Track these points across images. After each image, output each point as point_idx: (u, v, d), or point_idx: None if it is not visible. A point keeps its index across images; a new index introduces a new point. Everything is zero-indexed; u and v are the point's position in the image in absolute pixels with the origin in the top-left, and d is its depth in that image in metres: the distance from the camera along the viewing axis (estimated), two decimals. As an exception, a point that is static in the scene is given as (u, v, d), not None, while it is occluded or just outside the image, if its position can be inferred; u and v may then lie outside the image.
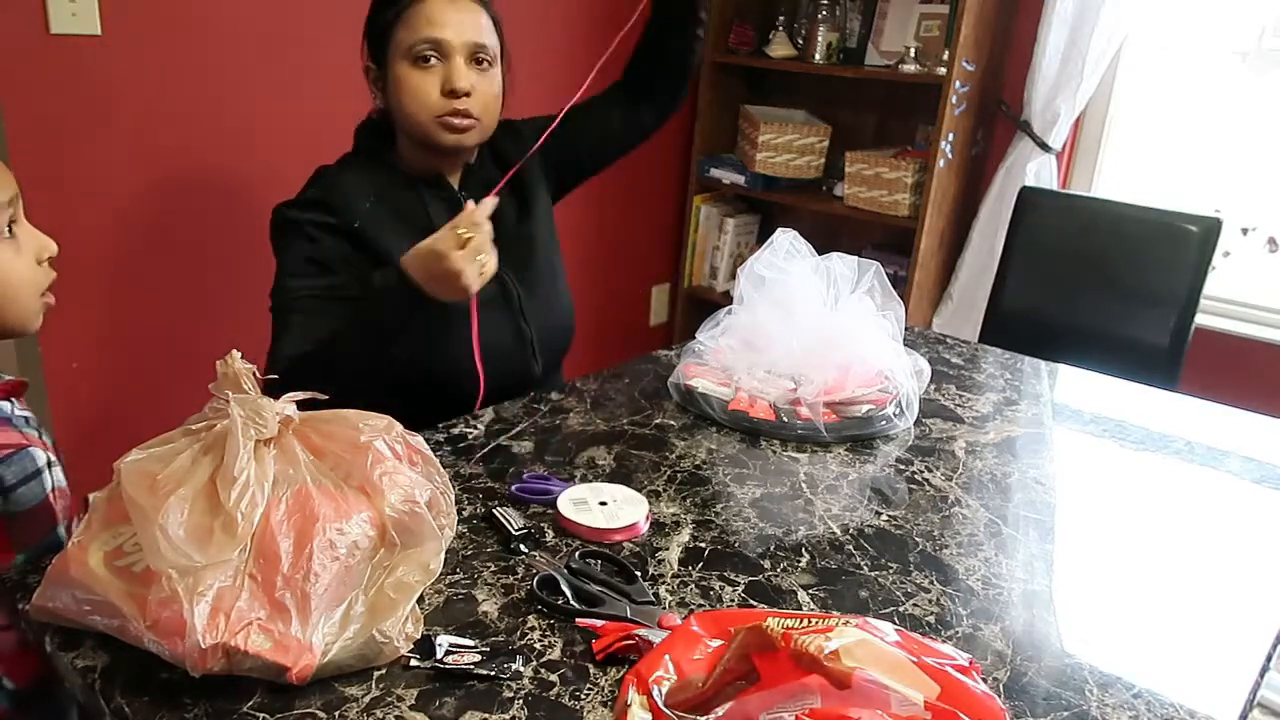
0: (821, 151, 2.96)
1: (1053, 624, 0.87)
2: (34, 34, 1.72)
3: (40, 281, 0.95)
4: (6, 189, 0.91)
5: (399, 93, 1.27)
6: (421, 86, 1.25)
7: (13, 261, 0.92)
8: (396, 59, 1.26)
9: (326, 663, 0.72)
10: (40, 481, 0.89)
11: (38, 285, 0.95)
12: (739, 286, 1.33)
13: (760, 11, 3.09)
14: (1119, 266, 1.97)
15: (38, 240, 0.95)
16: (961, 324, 2.71)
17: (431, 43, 1.24)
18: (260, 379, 0.80)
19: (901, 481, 1.13)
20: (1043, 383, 1.53)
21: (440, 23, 1.24)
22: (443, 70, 1.25)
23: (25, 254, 0.93)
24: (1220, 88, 2.58)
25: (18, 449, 0.88)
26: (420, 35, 1.24)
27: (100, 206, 1.88)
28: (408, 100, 1.26)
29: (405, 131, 1.31)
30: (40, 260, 0.95)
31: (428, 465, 0.87)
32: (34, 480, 0.89)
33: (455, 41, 1.25)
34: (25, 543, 0.88)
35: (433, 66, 1.25)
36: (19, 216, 0.94)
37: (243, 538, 0.72)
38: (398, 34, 1.25)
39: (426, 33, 1.24)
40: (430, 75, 1.25)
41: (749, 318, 1.33)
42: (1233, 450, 1.30)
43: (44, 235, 0.96)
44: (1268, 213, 2.54)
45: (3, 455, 0.87)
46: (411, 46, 1.24)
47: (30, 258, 0.94)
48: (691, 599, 0.86)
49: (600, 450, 1.15)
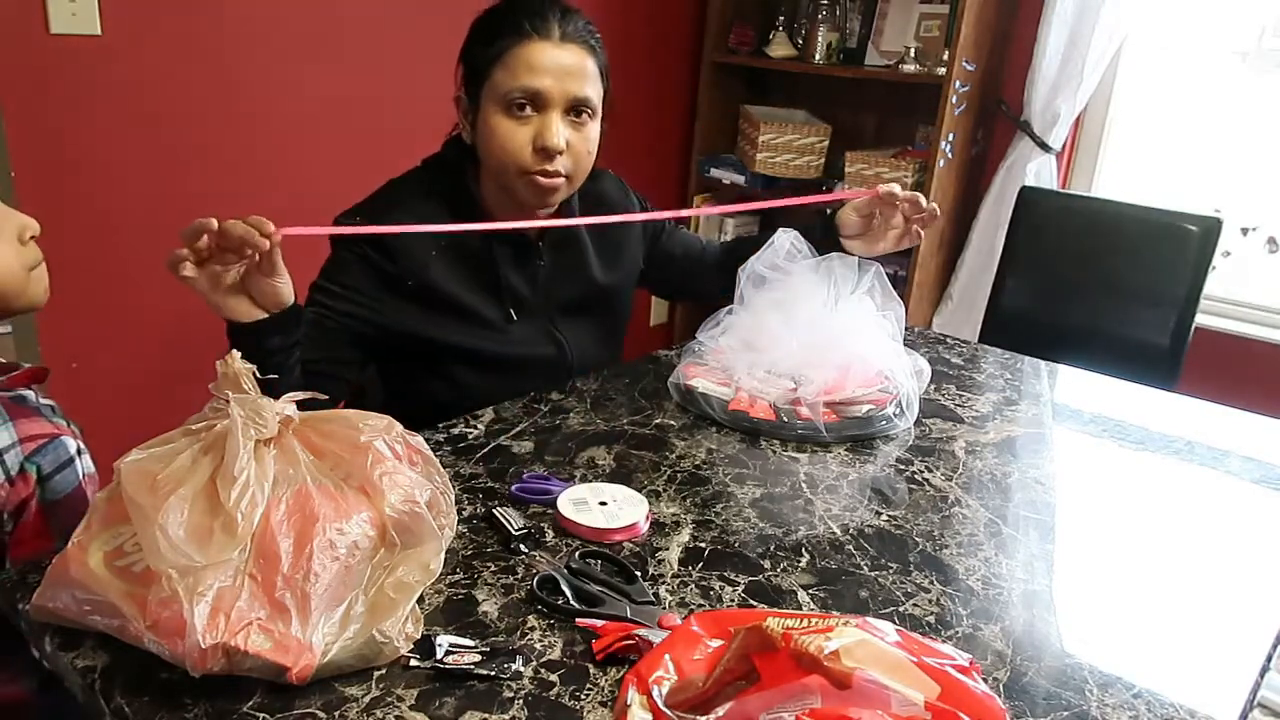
0: (821, 151, 2.96)
1: (1053, 624, 0.87)
2: (34, 34, 1.72)
3: (25, 260, 0.95)
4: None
5: (488, 138, 1.19)
6: (513, 139, 1.17)
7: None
8: (489, 102, 1.18)
9: (326, 663, 0.72)
10: (74, 469, 0.91)
11: (24, 264, 0.94)
12: (739, 286, 1.33)
13: (760, 11, 3.09)
14: (1119, 266, 1.97)
15: (16, 221, 0.94)
16: (961, 324, 2.71)
17: (529, 94, 1.15)
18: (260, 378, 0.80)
19: (901, 481, 1.13)
20: (1043, 383, 1.53)
21: (541, 70, 1.15)
22: (537, 123, 1.17)
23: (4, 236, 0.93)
24: (1220, 88, 2.58)
25: (51, 438, 0.90)
26: (518, 83, 1.15)
27: (100, 206, 1.88)
28: (496, 150, 1.18)
29: (490, 175, 1.24)
30: (22, 240, 0.94)
31: (428, 465, 0.87)
32: (68, 468, 0.91)
33: (555, 93, 1.16)
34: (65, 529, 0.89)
35: (528, 117, 1.17)
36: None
37: (243, 538, 0.72)
38: (495, 75, 1.16)
39: (526, 81, 1.15)
40: (523, 127, 1.17)
41: (749, 318, 1.33)
42: (1233, 450, 1.30)
43: (22, 215, 0.95)
44: (1268, 213, 2.54)
45: (39, 445, 0.89)
46: (507, 93, 1.15)
47: (11, 239, 0.93)
48: (691, 599, 0.86)
49: (600, 450, 1.15)
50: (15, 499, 0.88)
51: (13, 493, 0.88)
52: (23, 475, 0.88)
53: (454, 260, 1.24)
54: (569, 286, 1.33)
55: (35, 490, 0.88)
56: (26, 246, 0.95)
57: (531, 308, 1.30)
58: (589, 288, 1.35)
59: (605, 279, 1.37)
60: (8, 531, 0.89)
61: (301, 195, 2.20)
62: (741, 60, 3.01)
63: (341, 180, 2.31)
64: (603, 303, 1.39)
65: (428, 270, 1.22)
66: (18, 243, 0.94)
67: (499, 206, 1.27)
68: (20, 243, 0.94)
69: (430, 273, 1.21)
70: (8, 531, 0.89)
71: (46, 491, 0.89)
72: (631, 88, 2.89)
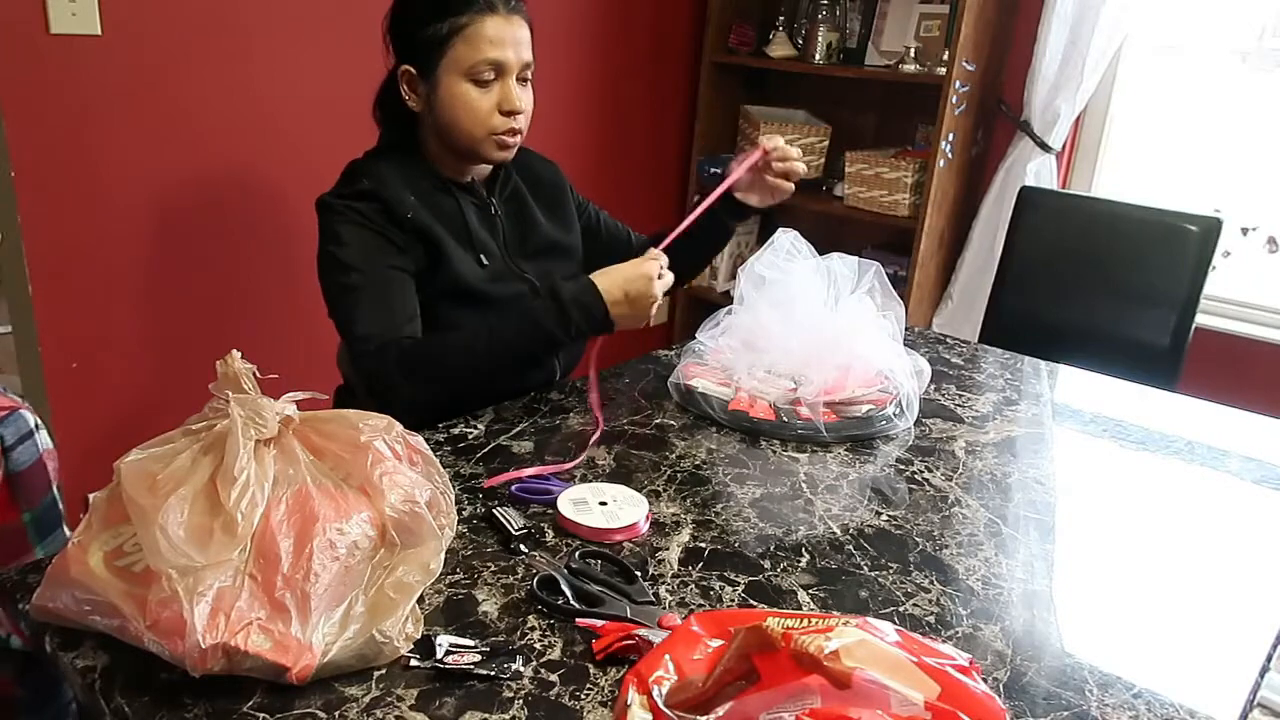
0: (821, 151, 2.96)
1: (1053, 624, 0.87)
2: (34, 34, 1.72)
3: None
4: None
5: (454, 108, 1.28)
6: (481, 105, 1.28)
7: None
8: (451, 74, 1.27)
9: (326, 663, 0.72)
10: (35, 442, 0.92)
11: None
12: (739, 286, 1.33)
13: (760, 11, 3.09)
14: (1119, 266, 1.97)
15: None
16: (961, 324, 2.71)
17: (493, 64, 1.26)
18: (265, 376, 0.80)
19: (901, 481, 1.13)
20: (1043, 383, 1.53)
21: (500, 42, 1.26)
22: (499, 89, 1.28)
23: None
24: (1220, 88, 2.58)
25: (12, 410, 0.91)
26: (483, 56, 1.25)
27: (99, 206, 1.88)
28: (463, 116, 1.28)
29: (449, 141, 1.32)
30: None
31: (428, 465, 0.87)
32: (29, 440, 0.92)
33: (513, 62, 1.28)
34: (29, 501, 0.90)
35: (490, 85, 1.28)
36: None
37: (243, 538, 0.72)
38: (455, 49, 1.26)
39: (489, 54, 1.25)
40: (488, 95, 1.28)
41: (749, 318, 1.33)
42: (1233, 450, 1.30)
43: None
44: (1268, 213, 2.54)
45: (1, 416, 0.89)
46: (473, 65, 1.26)
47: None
48: (691, 599, 0.86)
49: (600, 450, 1.15)
50: None
51: None
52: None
53: (431, 215, 1.31)
54: (524, 235, 1.43)
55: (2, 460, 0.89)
56: None
57: (496, 254, 1.38)
58: (542, 238, 1.44)
59: (554, 234, 1.47)
60: None
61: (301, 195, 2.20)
62: (741, 60, 3.01)
63: (341, 180, 2.32)
64: (559, 252, 1.47)
65: (417, 213, 1.29)
66: None
67: (453, 168, 1.37)
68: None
69: (419, 215, 1.29)
70: None
71: (10, 462, 0.90)
72: (631, 88, 2.89)
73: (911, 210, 2.71)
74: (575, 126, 2.75)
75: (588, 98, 2.74)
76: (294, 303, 2.23)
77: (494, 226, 1.40)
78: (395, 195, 1.28)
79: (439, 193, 1.34)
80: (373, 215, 1.27)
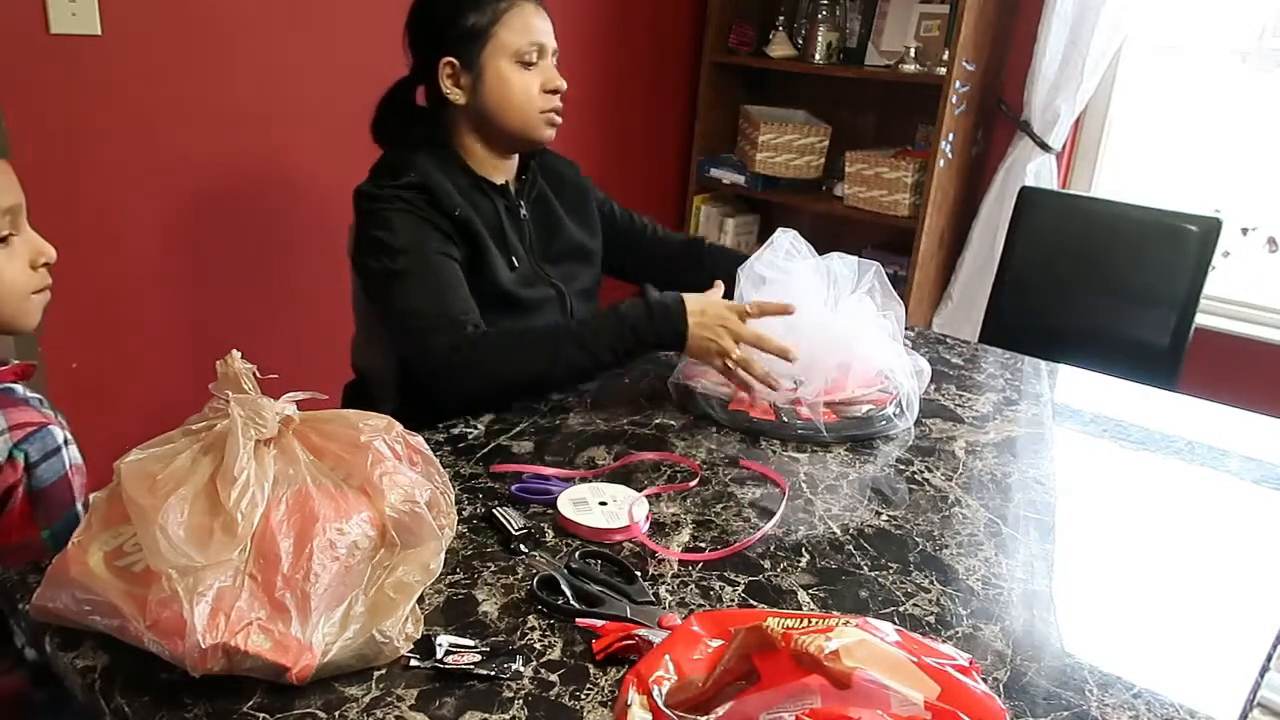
0: (821, 151, 2.96)
1: (1053, 624, 0.87)
2: (34, 34, 1.72)
3: (31, 285, 0.97)
4: (10, 196, 0.93)
5: (504, 90, 1.33)
6: (530, 85, 1.34)
7: (6, 266, 0.94)
8: (498, 58, 1.32)
9: (326, 663, 0.72)
10: (60, 458, 0.92)
11: (27, 288, 0.96)
12: (739, 286, 1.33)
13: (760, 11, 3.09)
14: (1119, 266, 1.97)
15: (34, 246, 0.97)
16: (961, 324, 2.71)
17: (538, 46, 1.34)
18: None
19: (901, 481, 1.13)
20: (1043, 383, 1.53)
21: (536, 28, 1.34)
22: (540, 70, 1.35)
23: (18, 259, 0.95)
24: (1220, 88, 2.58)
25: (39, 427, 0.91)
26: (528, 39, 1.33)
27: (100, 206, 1.88)
28: (514, 97, 1.34)
29: (496, 126, 1.36)
30: (35, 265, 0.97)
31: (428, 465, 0.87)
32: (55, 457, 0.92)
33: (549, 45, 1.36)
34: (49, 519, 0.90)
35: (532, 67, 1.34)
36: (19, 225, 0.96)
37: (243, 538, 0.71)
38: (499, 35, 1.32)
39: (535, 37, 1.33)
40: (533, 76, 1.34)
41: (749, 318, 1.33)
42: (1233, 450, 1.30)
43: (43, 241, 0.98)
44: (1268, 213, 2.54)
45: (27, 433, 0.90)
46: (518, 49, 1.33)
47: (24, 263, 0.96)
48: (691, 599, 0.86)
49: (600, 450, 1.15)
50: (2, 485, 0.89)
51: (0, 479, 0.88)
52: (10, 461, 0.89)
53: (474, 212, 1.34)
54: (549, 238, 1.46)
55: (23, 477, 0.89)
56: (37, 272, 0.97)
57: (523, 257, 1.41)
58: (566, 241, 1.47)
59: (578, 237, 1.49)
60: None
61: (301, 194, 2.20)
62: (741, 60, 3.01)
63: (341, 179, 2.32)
64: (582, 256, 1.50)
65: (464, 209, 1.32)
66: (30, 266, 0.96)
67: (488, 165, 1.40)
68: (32, 267, 0.96)
69: (465, 211, 1.32)
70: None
71: (33, 479, 0.90)
72: (631, 88, 2.89)
73: (911, 210, 2.71)
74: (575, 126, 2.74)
75: (588, 97, 2.74)
76: (294, 302, 2.23)
77: (521, 229, 1.42)
78: (442, 188, 1.31)
79: (475, 191, 1.36)
80: (421, 204, 1.29)
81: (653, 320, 1.23)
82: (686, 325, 1.22)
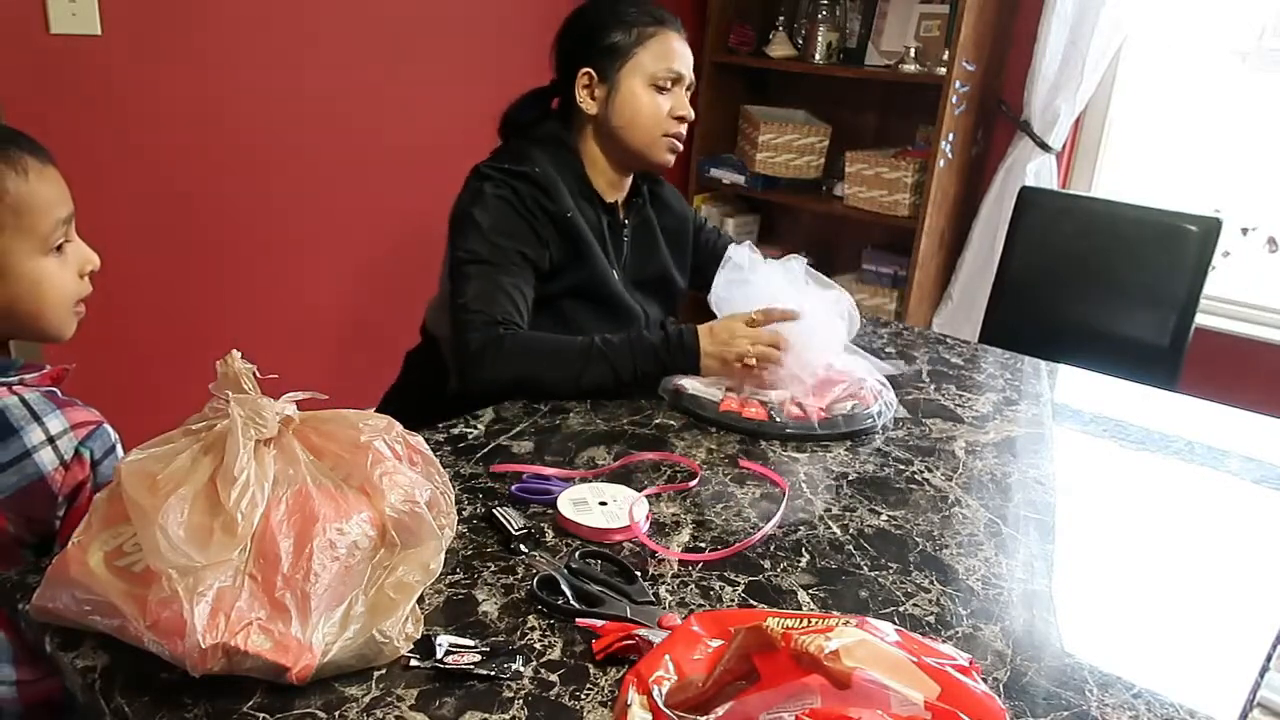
0: (821, 151, 2.96)
1: (1053, 624, 0.87)
2: (34, 34, 1.72)
3: (79, 293, 0.98)
4: (65, 206, 0.94)
5: (635, 109, 1.40)
6: (659, 109, 1.41)
7: (58, 274, 0.94)
8: (633, 77, 1.40)
9: (326, 663, 0.72)
10: (115, 456, 0.93)
11: (75, 296, 0.97)
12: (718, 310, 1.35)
13: (760, 11, 3.09)
14: (1119, 266, 1.97)
15: (83, 254, 0.98)
16: (961, 324, 2.71)
17: (675, 75, 1.41)
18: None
19: (901, 481, 1.13)
20: (1043, 383, 1.53)
21: (678, 57, 1.42)
22: (673, 97, 1.42)
23: (69, 267, 0.96)
24: (1220, 88, 2.58)
25: (97, 425, 0.92)
26: (667, 65, 1.40)
27: (99, 206, 1.88)
28: (643, 117, 1.41)
29: (620, 140, 1.42)
30: (82, 274, 0.97)
31: (428, 465, 0.87)
32: (112, 455, 0.93)
33: (686, 76, 1.43)
34: None
35: (666, 93, 1.41)
36: (72, 234, 0.96)
37: (243, 538, 0.71)
38: (639, 56, 1.40)
39: (673, 64, 1.41)
40: (664, 100, 1.41)
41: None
42: (1233, 450, 1.30)
43: (89, 249, 0.98)
44: (1268, 213, 2.54)
45: (89, 431, 0.91)
46: (656, 74, 1.40)
47: (74, 271, 0.97)
48: (691, 599, 0.86)
49: (600, 450, 1.15)
50: (71, 482, 0.89)
51: (69, 476, 0.89)
52: (78, 459, 0.90)
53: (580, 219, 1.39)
54: (643, 263, 1.53)
55: (90, 475, 0.90)
56: (83, 280, 0.97)
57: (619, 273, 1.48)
58: (656, 270, 1.54)
59: (670, 268, 1.57)
60: (60, 516, 0.90)
61: (301, 194, 2.20)
62: (741, 60, 3.01)
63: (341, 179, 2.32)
64: (665, 286, 1.57)
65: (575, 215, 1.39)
66: (78, 275, 0.96)
67: (603, 176, 1.46)
68: (80, 275, 0.96)
69: (577, 217, 1.39)
70: (60, 516, 0.90)
71: (98, 476, 0.91)
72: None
73: (911, 210, 2.71)
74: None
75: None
76: (295, 302, 2.23)
77: (620, 248, 1.49)
78: (557, 186, 1.36)
79: (584, 201, 1.43)
80: (527, 199, 1.34)
81: (669, 348, 1.30)
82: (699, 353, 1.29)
